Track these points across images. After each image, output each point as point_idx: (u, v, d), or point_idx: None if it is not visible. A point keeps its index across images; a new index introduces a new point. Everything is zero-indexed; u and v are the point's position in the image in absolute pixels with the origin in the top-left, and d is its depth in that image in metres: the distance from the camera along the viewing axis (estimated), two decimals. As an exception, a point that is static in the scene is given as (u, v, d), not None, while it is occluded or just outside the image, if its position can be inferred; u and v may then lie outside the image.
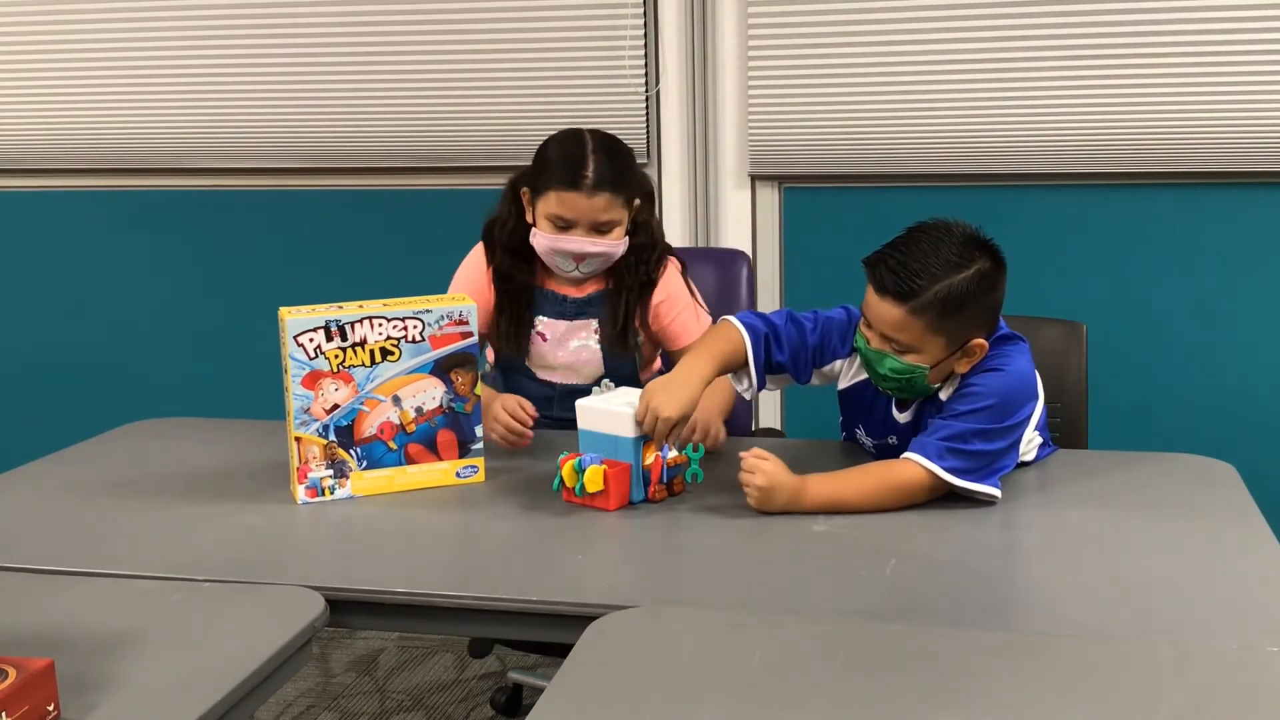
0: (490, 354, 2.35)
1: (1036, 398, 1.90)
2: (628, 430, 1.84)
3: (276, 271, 3.45)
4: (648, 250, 2.24)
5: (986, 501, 1.81)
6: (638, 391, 1.94)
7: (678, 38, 3.09)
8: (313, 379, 1.87)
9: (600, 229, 2.14)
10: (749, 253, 2.96)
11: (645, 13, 3.06)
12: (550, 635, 1.57)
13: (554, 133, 2.21)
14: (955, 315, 1.77)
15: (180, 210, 3.49)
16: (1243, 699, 1.25)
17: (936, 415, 1.85)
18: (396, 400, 1.92)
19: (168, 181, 3.47)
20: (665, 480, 1.85)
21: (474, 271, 2.27)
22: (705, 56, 3.09)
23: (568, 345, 2.25)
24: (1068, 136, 2.91)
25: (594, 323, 2.25)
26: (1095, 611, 1.48)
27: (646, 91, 3.10)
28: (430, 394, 1.94)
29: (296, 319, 1.86)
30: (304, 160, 3.34)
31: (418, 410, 1.94)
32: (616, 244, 2.17)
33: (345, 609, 1.56)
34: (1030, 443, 1.96)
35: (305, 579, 1.58)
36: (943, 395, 1.89)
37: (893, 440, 1.96)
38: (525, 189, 2.20)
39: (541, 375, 2.28)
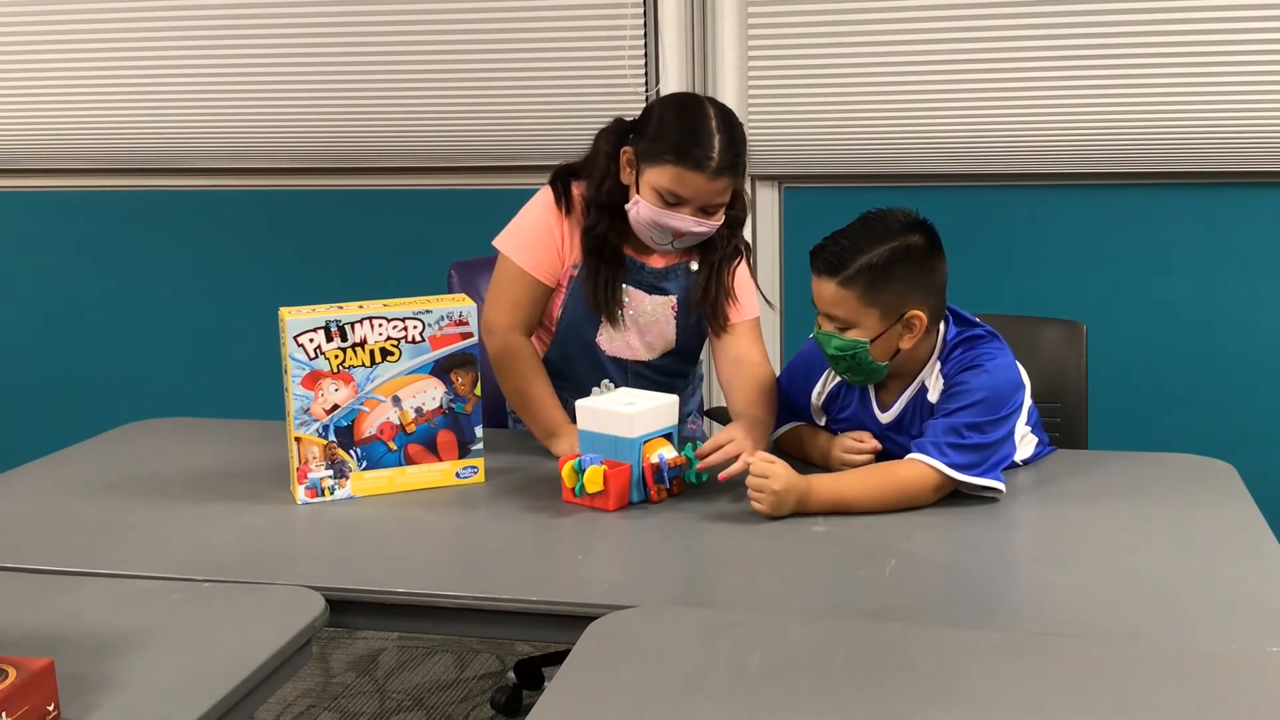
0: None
1: (1023, 387, 1.92)
2: (628, 430, 1.84)
3: (276, 271, 3.45)
4: (739, 223, 2.16)
5: (990, 499, 1.82)
6: (638, 392, 1.95)
7: (678, 38, 3.09)
8: (313, 379, 1.87)
9: (709, 210, 2.03)
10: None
11: (645, 13, 3.06)
12: (550, 635, 1.57)
13: (669, 95, 2.11)
14: (884, 285, 1.83)
15: (180, 210, 3.49)
16: (1243, 699, 1.25)
17: (928, 419, 1.87)
18: (396, 401, 1.92)
19: (168, 181, 3.47)
20: (665, 481, 1.85)
21: (547, 220, 2.13)
22: (705, 56, 3.09)
23: (645, 318, 2.16)
24: (1068, 136, 2.91)
25: (673, 299, 2.16)
26: (1095, 611, 1.48)
27: (646, 91, 3.10)
28: (430, 394, 1.94)
29: (296, 319, 1.86)
30: (304, 160, 3.34)
31: (418, 411, 1.94)
32: (718, 223, 2.07)
33: (345, 609, 1.56)
34: (1023, 438, 1.97)
35: (305, 579, 1.58)
36: (931, 398, 1.90)
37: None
38: (629, 149, 2.06)
39: (609, 349, 2.17)
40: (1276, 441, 2.98)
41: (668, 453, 1.86)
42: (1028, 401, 1.95)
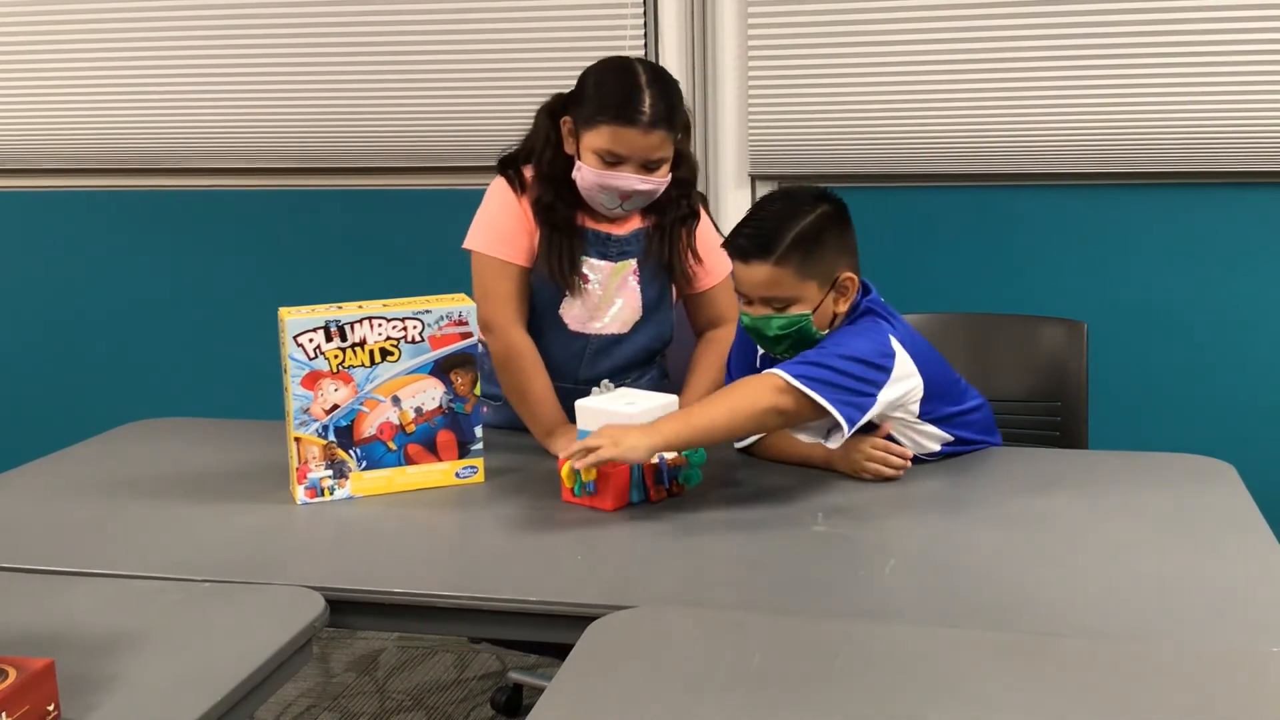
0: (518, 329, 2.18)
1: (891, 354, 1.88)
2: (628, 430, 1.84)
3: (276, 271, 3.45)
4: (688, 184, 2.19)
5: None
6: (638, 392, 1.95)
7: (678, 38, 3.09)
8: (312, 379, 1.87)
9: (650, 166, 2.06)
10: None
11: (645, 13, 3.07)
12: (550, 635, 1.57)
13: (596, 61, 2.12)
14: (816, 253, 1.87)
15: (180, 210, 3.49)
16: (1243, 699, 1.25)
17: None
18: (396, 401, 1.92)
19: (168, 181, 3.47)
20: (665, 481, 1.85)
21: (509, 204, 2.16)
22: (705, 56, 3.09)
23: (612, 289, 2.17)
24: (1068, 136, 2.91)
25: (633, 263, 2.18)
26: (1095, 611, 1.48)
27: (646, 91, 3.09)
28: (430, 394, 1.94)
29: (296, 319, 1.86)
30: (304, 160, 3.34)
31: (417, 411, 1.94)
32: (664, 181, 2.09)
33: (345, 609, 1.56)
34: (926, 432, 1.97)
35: (305, 579, 1.58)
36: None
37: None
38: (568, 119, 2.11)
39: (575, 328, 2.18)
40: (1276, 441, 2.98)
41: (667, 453, 1.86)
42: (913, 390, 1.91)
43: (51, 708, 1.21)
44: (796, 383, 1.79)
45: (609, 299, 2.18)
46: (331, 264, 3.42)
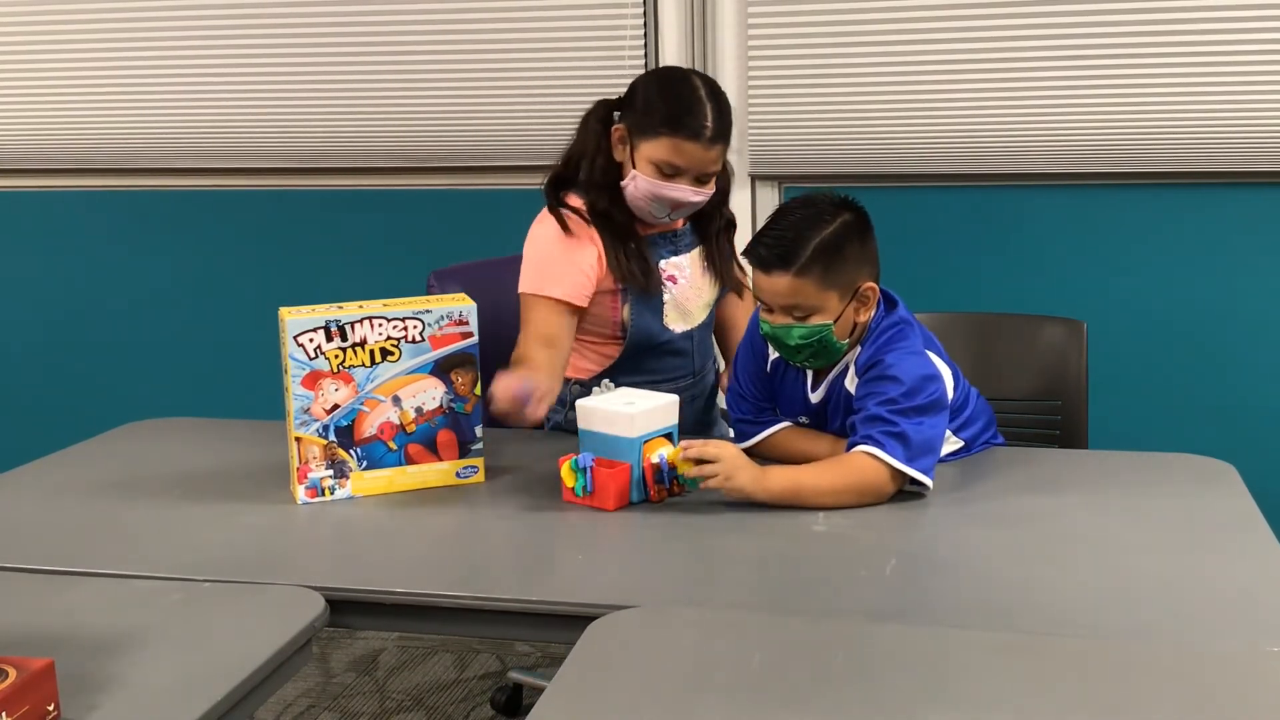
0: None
1: (939, 379, 1.89)
2: (628, 430, 1.84)
3: (276, 271, 3.45)
4: (725, 194, 2.24)
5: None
6: (638, 392, 1.95)
7: (678, 38, 3.09)
8: (313, 379, 1.87)
9: (703, 179, 2.09)
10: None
11: (645, 13, 3.06)
12: (550, 635, 1.57)
13: (652, 70, 2.12)
14: (838, 263, 1.84)
15: (180, 210, 3.49)
16: (1243, 699, 1.25)
17: (847, 404, 1.91)
18: (396, 400, 1.92)
19: (168, 181, 3.47)
20: (665, 481, 1.85)
21: (556, 242, 2.12)
22: (705, 57, 3.09)
23: (699, 276, 2.22)
24: (1068, 136, 2.91)
25: (697, 250, 2.24)
26: (1095, 611, 1.48)
27: (646, 91, 3.09)
28: (430, 394, 1.94)
29: (296, 319, 1.86)
30: (304, 160, 3.34)
31: (418, 410, 1.94)
32: (711, 192, 2.13)
33: (345, 609, 1.56)
34: (955, 439, 1.99)
35: (305, 579, 1.58)
36: (849, 386, 1.92)
37: (804, 421, 2.01)
38: (619, 127, 2.10)
39: (680, 329, 2.21)
40: (1276, 441, 2.98)
41: (668, 453, 1.86)
42: (950, 393, 1.93)
43: (51, 708, 1.21)
44: (904, 467, 1.79)
45: (696, 284, 2.22)
46: (331, 264, 3.42)
